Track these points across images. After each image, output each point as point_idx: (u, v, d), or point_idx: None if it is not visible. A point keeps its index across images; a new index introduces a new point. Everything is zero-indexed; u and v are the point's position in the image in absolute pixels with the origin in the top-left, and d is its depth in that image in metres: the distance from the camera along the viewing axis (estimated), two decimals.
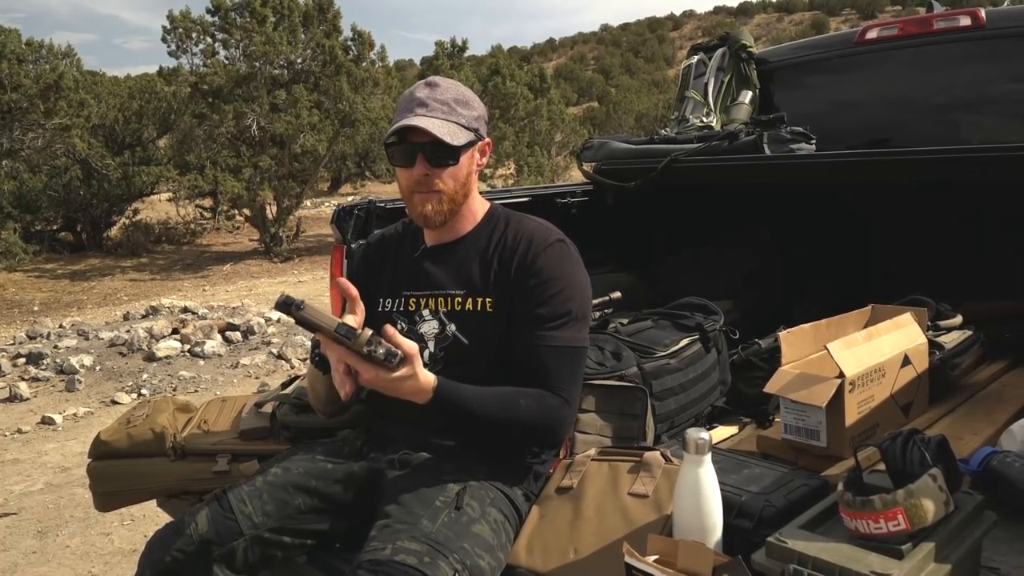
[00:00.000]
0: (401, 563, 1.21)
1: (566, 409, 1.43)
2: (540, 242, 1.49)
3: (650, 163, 2.58)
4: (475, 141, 1.51)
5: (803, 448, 1.61)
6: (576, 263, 1.51)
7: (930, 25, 2.81)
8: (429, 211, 1.48)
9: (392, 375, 1.24)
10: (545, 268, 1.46)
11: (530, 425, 1.40)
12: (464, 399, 1.35)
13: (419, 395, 1.30)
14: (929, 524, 1.05)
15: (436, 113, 1.44)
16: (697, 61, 3.36)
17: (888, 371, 1.67)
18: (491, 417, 1.37)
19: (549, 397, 1.41)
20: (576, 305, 1.46)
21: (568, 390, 1.43)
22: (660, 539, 1.17)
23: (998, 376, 2.08)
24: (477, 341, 1.47)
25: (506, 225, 1.54)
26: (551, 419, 1.41)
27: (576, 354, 1.46)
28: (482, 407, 1.36)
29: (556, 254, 1.48)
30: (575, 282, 1.49)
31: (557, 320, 1.44)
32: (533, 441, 1.47)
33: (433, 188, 1.46)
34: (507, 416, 1.38)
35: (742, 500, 1.29)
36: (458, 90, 1.50)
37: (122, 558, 2.98)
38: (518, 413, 1.38)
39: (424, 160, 1.45)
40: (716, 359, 1.97)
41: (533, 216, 1.58)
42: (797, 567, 1.03)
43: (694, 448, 1.17)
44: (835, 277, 2.88)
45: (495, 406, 1.37)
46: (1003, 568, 1.24)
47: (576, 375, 1.47)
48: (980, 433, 1.69)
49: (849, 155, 2.36)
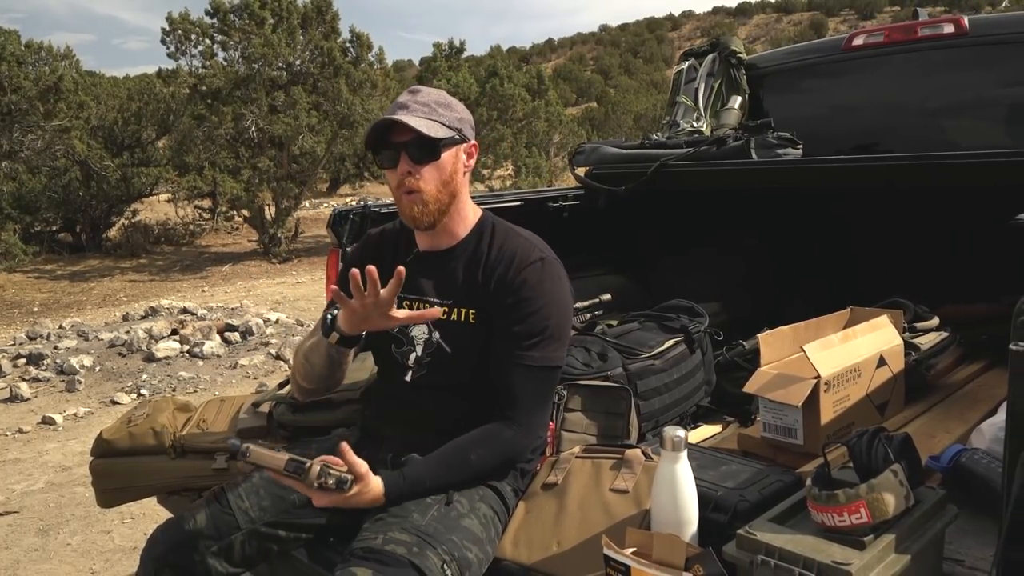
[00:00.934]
0: (391, 552, 1.27)
1: (522, 438, 1.47)
2: (522, 260, 1.51)
3: (641, 167, 2.63)
4: (458, 141, 1.53)
5: (781, 446, 1.67)
6: (557, 281, 1.53)
7: (915, 32, 2.87)
8: (416, 213, 1.51)
9: (346, 496, 1.34)
10: (524, 286, 1.48)
11: (487, 468, 1.46)
12: (416, 484, 1.40)
13: (373, 503, 1.38)
14: (890, 517, 1.11)
15: (416, 113, 1.48)
16: (688, 66, 3.42)
17: (864, 371, 1.73)
18: (448, 484, 1.43)
19: (505, 430, 1.45)
20: (553, 324, 1.48)
21: (529, 414, 1.47)
22: (637, 532, 1.22)
23: (974, 377, 2.14)
24: (459, 350, 1.51)
25: (492, 237, 1.56)
26: (506, 453, 1.47)
27: (547, 375, 1.49)
28: (436, 481, 1.42)
29: (537, 272, 1.50)
30: (554, 301, 1.50)
31: (532, 339, 1.47)
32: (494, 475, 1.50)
33: (416, 188, 1.48)
34: (463, 474, 1.44)
35: (718, 495, 1.34)
36: (440, 95, 1.55)
37: (122, 555, 3.04)
38: (472, 468, 1.44)
39: (407, 158, 1.48)
40: (701, 360, 2.03)
41: (521, 230, 1.60)
42: (764, 557, 1.08)
43: (671, 445, 1.23)
44: (821, 279, 2.94)
45: (447, 474, 1.43)
46: (967, 560, 1.30)
47: (542, 396, 1.51)
48: (953, 432, 1.75)
49: (833, 160, 2.42)
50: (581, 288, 2.20)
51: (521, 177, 14.56)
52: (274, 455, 1.33)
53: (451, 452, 1.44)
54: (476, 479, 1.46)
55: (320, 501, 1.35)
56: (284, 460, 1.31)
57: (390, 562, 1.26)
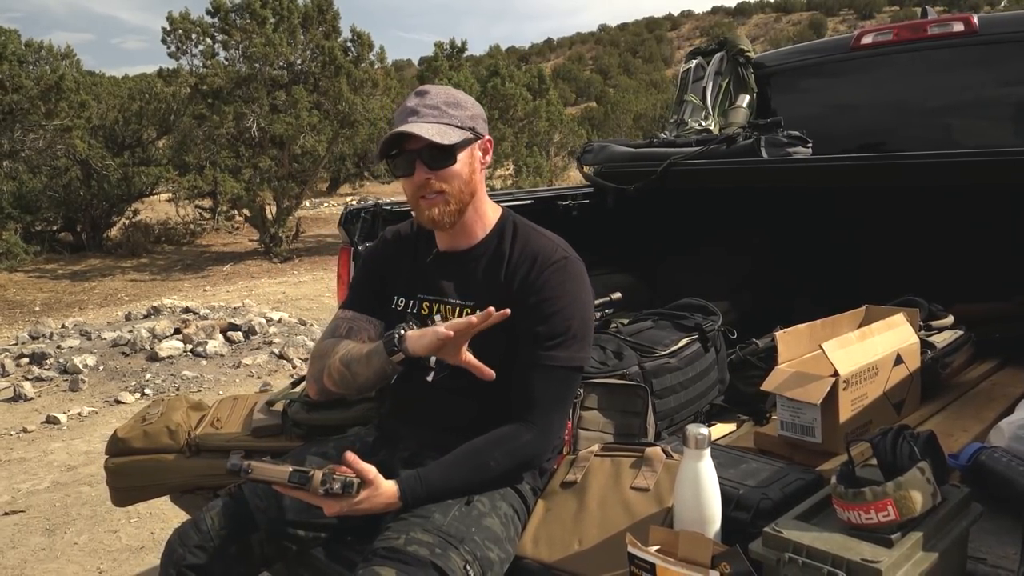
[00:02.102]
0: (414, 553, 1.27)
1: (541, 440, 1.46)
2: (544, 260, 1.50)
3: (650, 166, 2.63)
4: (472, 139, 1.52)
5: (799, 444, 1.67)
6: (579, 280, 1.52)
7: (924, 31, 2.87)
8: (436, 214, 1.49)
9: (355, 502, 1.32)
10: (547, 287, 1.47)
11: (504, 473, 1.45)
12: (432, 489, 1.39)
13: (388, 508, 1.37)
14: (917, 515, 1.11)
15: (427, 118, 1.47)
16: (696, 65, 3.42)
17: (881, 370, 1.73)
18: (465, 488, 1.42)
19: (524, 434, 1.44)
20: (576, 324, 1.47)
21: (548, 416, 1.46)
22: (661, 530, 1.22)
23: (988, 375, 2.14)
24: (480, 351, 1.48)
25: (514, 237, 1.55)
26: (525, 457, 1.46)
27: (568, 376, 1.48)
28: (451, 484, 1.40)
29: (560, 273, 1.49)
30: (577, 301, 1.49)
31: (555, 339, 1.46)
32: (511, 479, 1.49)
33: (436, 190, 1.48)
34: (481, 478, 1.43)
35: (740, 493, 1.34)
36: (448, 93, 1.52)
37: (129, 555, 3.03)
38: (490, 473, 1.43)
39: (423, 165, 1.47)
40: (715, 358, 2.03)
41: (544, 230, 1.59)
42: (792, 555, 1.08)
43: (694, 443, 1.22)
44: (832, 278, 2.94)
45: (465, 477, 1.42)
46: (989, 558, 1.29)
47: (562, 398, 1.49)
48: (969, 430, 1.75)
49: (844, 159, 2.41)
50: None
51: (522, 176, 14.56)
52: (276, 468, 1.31)
53: (469, 455, 1.43)
54: (493, 484, 1.45)
55: (331, 509, 1.33)
56: (287, 472, 1.30)
57: (412, 563, 1.26)
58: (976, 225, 2.65)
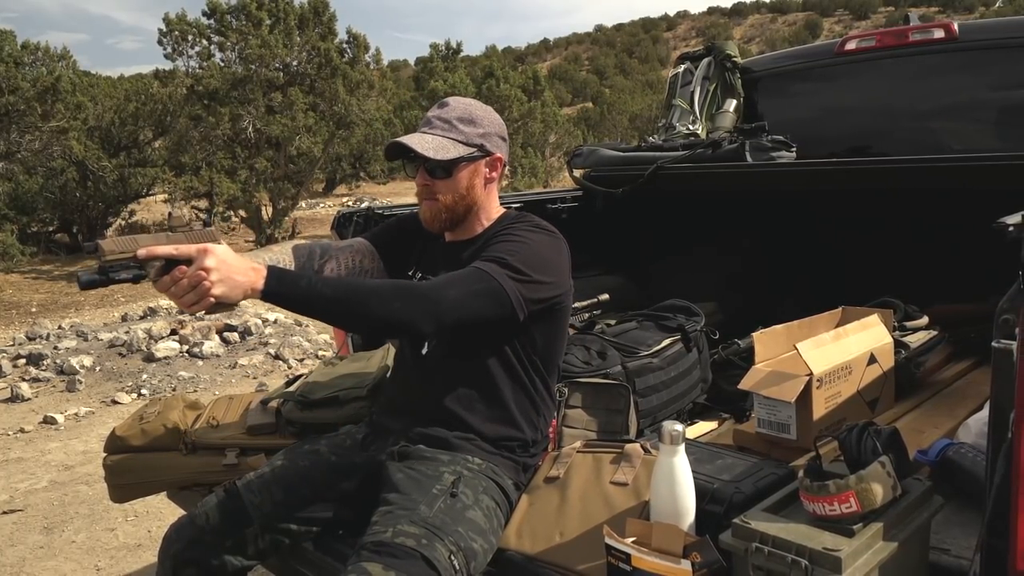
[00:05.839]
0: (401, 545, 1.32)
1: (426, 302, 1.37)
2: (515, 219, 1.60)
3: (637, 170, 2.68)
4: (478, 156, 1.59)
5: (775, 441, 1.73)
6: (550, 245, 1.53)
7: (906, 37, 2.93)
8: (429, 216, 1.61)
9: (202, 277, 1.23)
10: (511, 230, 1.55)
11: (377, 309, 1.34)
12: (299, 277, 1.33)
13: (250, 287, 1.26)
14: (878, 506, 1.16)
15: (435, 131, 1.56)
16: (684, 70, 3.48)
17: (855, 369, 1.79)
18: (336, 296, 1.33)
19: (417, 287, 1.42)
20: (514, 260, 1.45)
21: (445, 291, 1.39)
22: (637, 522, 1.28)
23: (963, 374, 2.20)
24: (475, 334, 1.51)
25: (511, 224, 1.61)
26: (405, 299, 1.36)
27: (484, 279, 1.42)
28: (322, 290, 1.32)
29: (530, 226, 1.56)
30: (532, 244, 1.50)
31: (490, 257, 1.46)
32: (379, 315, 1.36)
33: (432, 197, 1.58)
34: (353, 298, 1.34)
35: (714, 487, 1.39)
36: (466, 109, 1.60)
37: (127, 552, 3.08)
38: (362, 294, 1.35)
39: (424, 172, 1.58)
40: (697, 358, 2.08)
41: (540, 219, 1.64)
42: (759, 545, 1.14)
43: (669, 439, 1.28)
44: (817, 279, 3.00)
45: (341, 290, 1.35)
46: (953, 549, 1.35)
47: (468, 289, 1.40)
48: (941, 427, 1.81)
49: (826, 163, 2.47)
50: (579, 288, 2.25)
51: (517, 178, 14.62)
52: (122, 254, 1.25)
53: (357, 277, 1.59)
54: (359, 309, 1.34)
55: (183, 303, 1.24)
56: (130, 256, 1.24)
57: (400, 555, 1.31)
58: (955, 228, 2.71)
